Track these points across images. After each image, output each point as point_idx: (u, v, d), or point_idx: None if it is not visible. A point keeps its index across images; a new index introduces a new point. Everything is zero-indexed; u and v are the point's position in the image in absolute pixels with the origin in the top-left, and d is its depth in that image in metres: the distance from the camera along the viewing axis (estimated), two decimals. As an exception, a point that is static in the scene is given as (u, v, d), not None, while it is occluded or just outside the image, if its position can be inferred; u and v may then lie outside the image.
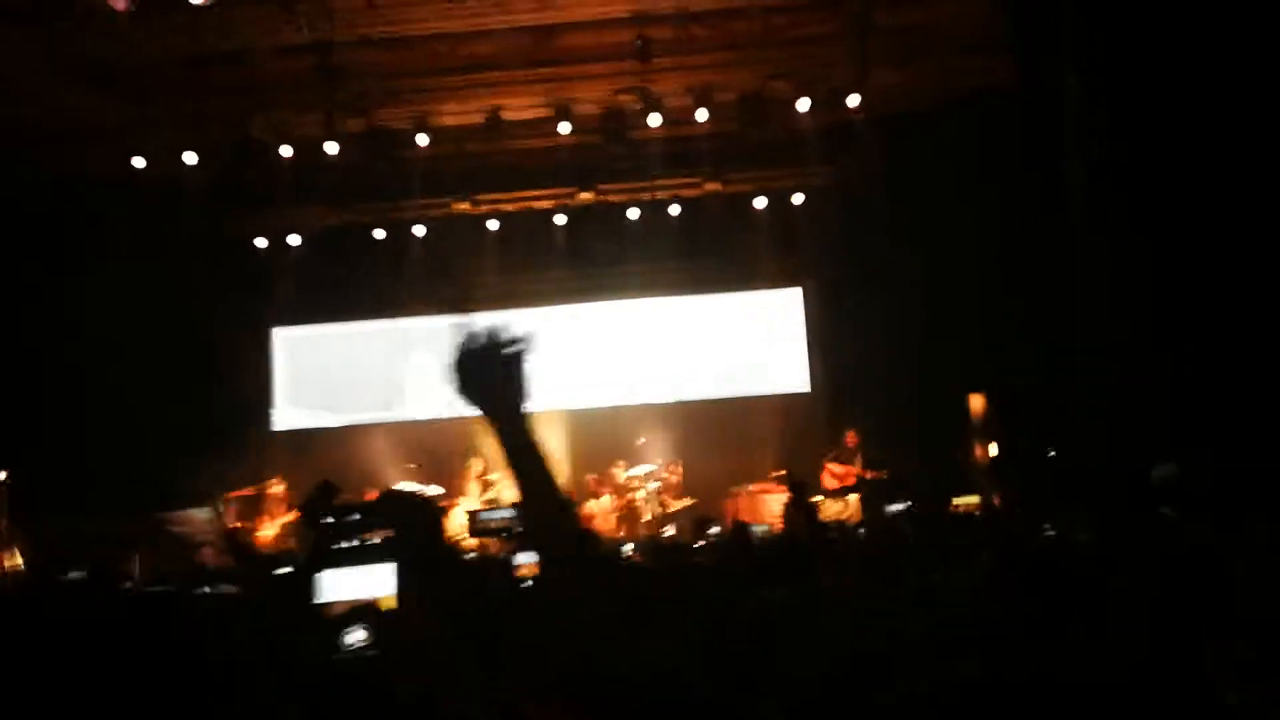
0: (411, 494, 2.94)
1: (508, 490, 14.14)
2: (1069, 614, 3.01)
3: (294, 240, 14.82)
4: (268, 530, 13.74)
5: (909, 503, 8.03)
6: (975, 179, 11.93)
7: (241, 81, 12.10)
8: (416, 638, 2.40)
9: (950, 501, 8.01)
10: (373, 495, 13.91)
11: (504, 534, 3.40)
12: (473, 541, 13.25)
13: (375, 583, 2.53)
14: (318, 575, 2.40)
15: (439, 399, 15.19)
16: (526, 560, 4.58)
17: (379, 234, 14.75)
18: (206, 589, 5.50)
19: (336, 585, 2.46)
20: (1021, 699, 2.01)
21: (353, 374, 15.62)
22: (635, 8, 10.95)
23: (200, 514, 12.39)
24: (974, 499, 8.60)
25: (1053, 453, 9.78)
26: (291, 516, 13.84)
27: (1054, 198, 10.29)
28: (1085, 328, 8.96)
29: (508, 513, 3.01)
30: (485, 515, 3.60)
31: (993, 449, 11.56)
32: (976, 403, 12.09)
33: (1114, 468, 7.81)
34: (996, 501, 9.55)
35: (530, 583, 4.49)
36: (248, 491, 13.80)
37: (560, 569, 2.70)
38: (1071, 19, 9.82)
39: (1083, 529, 5.30)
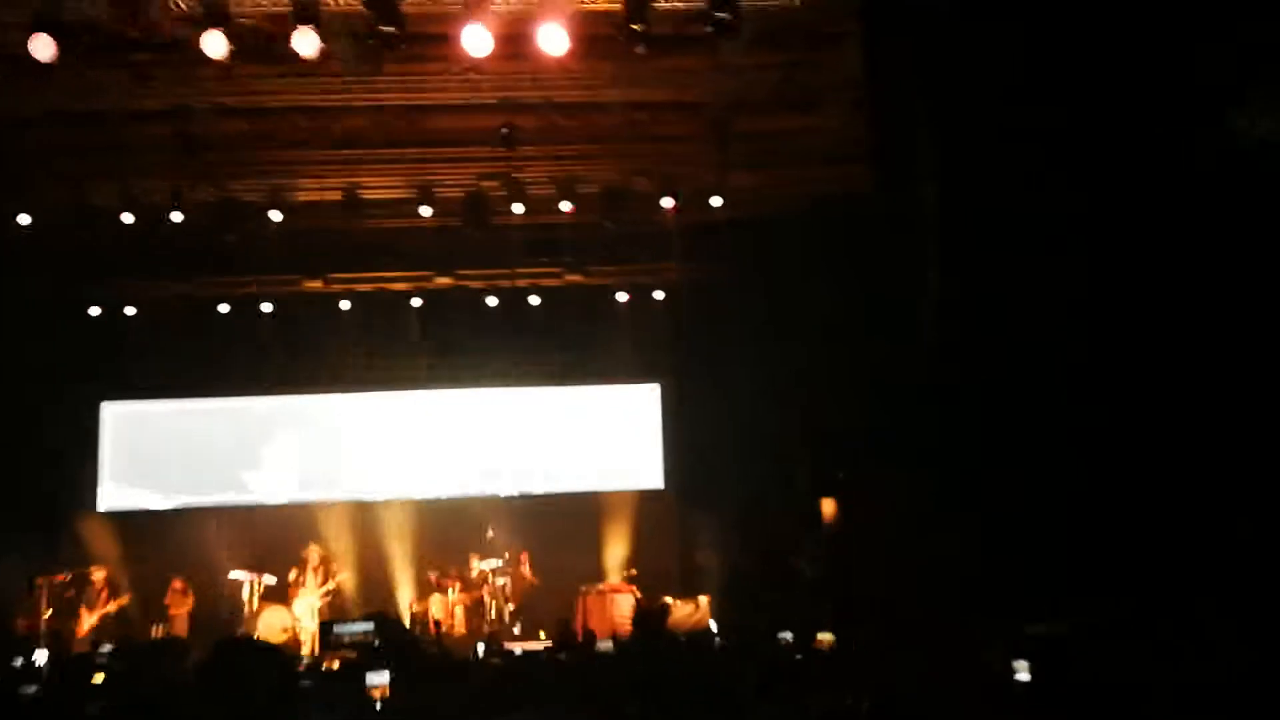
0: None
1: (346, 580, 13.57)
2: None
3: (130, 311, 14.12)
4: (87, 620, 12.82)
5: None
6: (832, 283, 12.17)
7: (86, 143, 11.56)
8: None
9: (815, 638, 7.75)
10: (178, 583, 13.15)
11: (357, 650, 3.20)
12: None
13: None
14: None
15: (277, 483, 14.68)
16: (378, 681, 4.29)
17: (223, 309, 14.17)
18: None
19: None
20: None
21: (186, 454, 14.85)
22: (502, 95, 10.89)
23: None
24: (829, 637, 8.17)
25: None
26: (113, 606, 12.96)
27: (909, 305, 10.53)
28: (939, 436, 9.10)
29: (364, 626, 2.82)
30: (340, 629, 3.41)
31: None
32: (828, 506, 12.15)
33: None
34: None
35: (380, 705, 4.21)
36: (63, 577, 12.89)
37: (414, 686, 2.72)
38: (928, 132, 10.18)
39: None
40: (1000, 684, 4.71)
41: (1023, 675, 4.78)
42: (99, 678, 5.20)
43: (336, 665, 8.76)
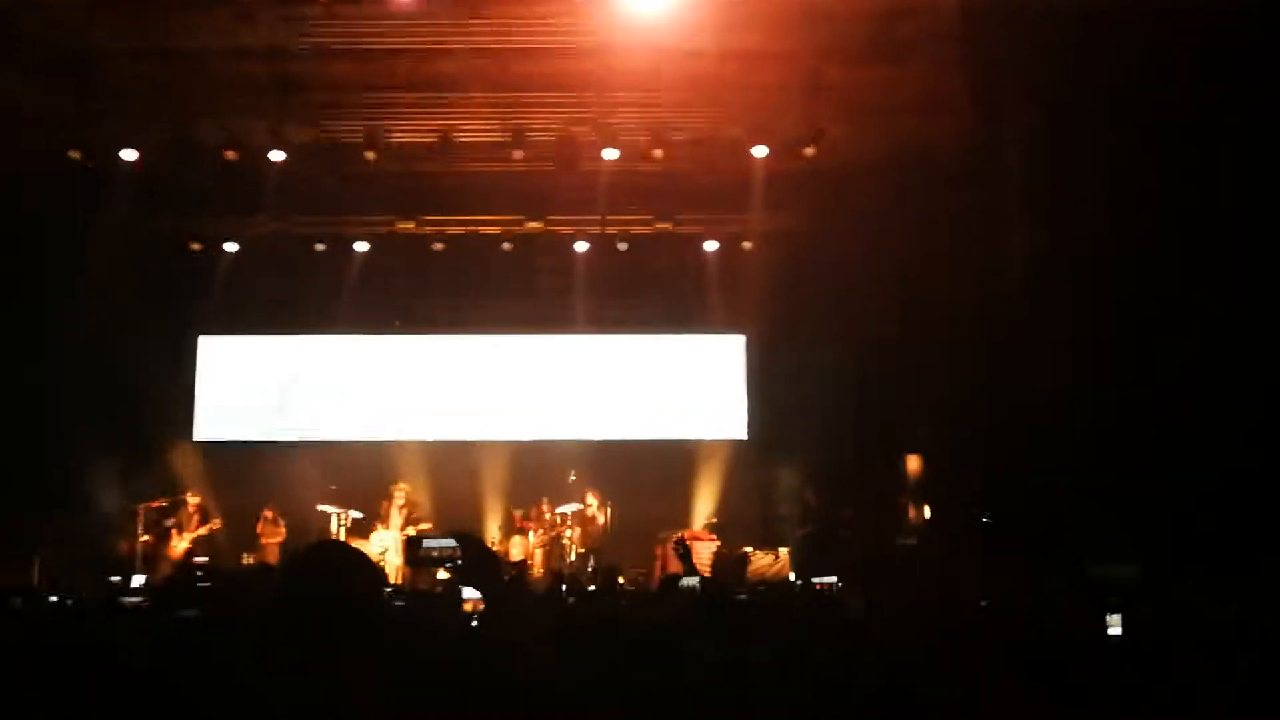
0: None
1: (430, 522, 13.82)
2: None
3: (230, 247, 14.45)
4: (179, 544, 13.32)
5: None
6: (920, 236, 12.00)
7: (190, 81, 11.81)
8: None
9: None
10: (270, 512, 13.48)
11: (445, 564, 3.32)
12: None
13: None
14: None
15: (366, 421, 14.98)
16: (470, 595, 4.39)
17: (319, 247, 14.42)
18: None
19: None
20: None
21: (279, 389, 15.23)
22: (597, 40, 10.88)
23: None
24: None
25: (987, 519, 9.75)
26: (205, 530, 13.44)
27: (996, 261, 10.38)
28: (1025, 394, 8.99)
29: (449, 542, 2.90)
30: (428, 543, 3.49)
31: (926, 511, 11.52)
32: (913, 463, 12.08)
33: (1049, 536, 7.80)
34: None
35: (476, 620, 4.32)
36: (161, 503, 13.39)
37: (498, 606, 2.72)
38: (1017, 87, 9.98)
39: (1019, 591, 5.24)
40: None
41: (1114, 629, 4.49)
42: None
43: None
